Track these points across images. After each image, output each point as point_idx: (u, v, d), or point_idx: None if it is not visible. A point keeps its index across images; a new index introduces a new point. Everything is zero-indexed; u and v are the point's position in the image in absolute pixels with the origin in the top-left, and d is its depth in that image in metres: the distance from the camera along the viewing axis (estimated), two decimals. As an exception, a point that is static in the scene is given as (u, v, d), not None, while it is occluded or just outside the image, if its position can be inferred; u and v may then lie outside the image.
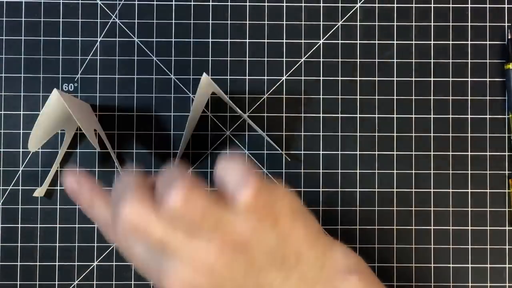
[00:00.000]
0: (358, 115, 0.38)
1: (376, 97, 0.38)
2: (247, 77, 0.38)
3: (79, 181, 0.27)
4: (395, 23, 0.39)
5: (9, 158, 0.38)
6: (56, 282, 0.38)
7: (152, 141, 0.38)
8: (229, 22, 0.38)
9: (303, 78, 0.38)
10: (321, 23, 0.38)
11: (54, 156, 0.37)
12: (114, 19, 0.38)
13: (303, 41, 0.38)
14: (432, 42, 0.38)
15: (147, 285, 0.38)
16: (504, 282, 0.38)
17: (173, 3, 0.38)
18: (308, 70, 0.38)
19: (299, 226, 0.25)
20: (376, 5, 0.39)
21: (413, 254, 0.38)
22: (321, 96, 0.38)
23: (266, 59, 0.38)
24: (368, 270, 0.27)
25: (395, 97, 0.38)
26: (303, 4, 0.38)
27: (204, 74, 0.31)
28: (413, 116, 0.38)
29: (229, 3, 0.38)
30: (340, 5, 0.38)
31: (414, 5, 0.39)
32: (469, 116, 0.38)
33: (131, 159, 0.38)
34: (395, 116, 0.38)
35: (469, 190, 0.38)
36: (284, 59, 0.38)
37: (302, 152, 0.38)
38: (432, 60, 0.38)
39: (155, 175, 0.25)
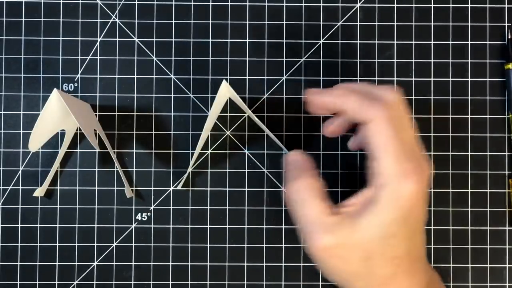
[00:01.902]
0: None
1: (376, 97, 0.38)
2: (247, 77, 0.38)
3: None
4: (395, 23, 0.39)
5: (9, 158, 0.38)
6: (56, 282, 0.38)
7: (152, 141, 0.38)
8: (229, 22, 0.38)
9: (303, 78, 0.38)
10: (321, 23, 0.38)
11: (54, 156, 0.37)
12: (114, 19, 0.38)
13: (303, 41, 0.38)
14: (432, 42, 0.38)
15: (147, 285, 0.38)
16: (504, 282, 0.38)
17: (173, 3, 0.38)
18: (308, 70, 0.38)
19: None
20: (376, 5, 0.39)
21: (413, 254, 0.38)
22: (321, 96, 0.38)
23: (266, 59, 0.38)
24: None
25: (395, 97, 0.38)
26: (303, 4, 0.38)
27: (224, 81, 0.31)
28: (413, 116, 0.38)
29: (229, 3, 0.38)
30: (340, 5, 0.38)
31: (414, 5, 0.39)
32: (469, 116, 0.38)
33: (131, 159, 0.38)
34: (395, 116, 0.38)
35: (469, 190, 0.38)
36: (284, 59, 0.38)
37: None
38: (432, 60, 0.38)
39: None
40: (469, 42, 0.39)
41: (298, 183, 0.29)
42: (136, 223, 0.38)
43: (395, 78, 0.38)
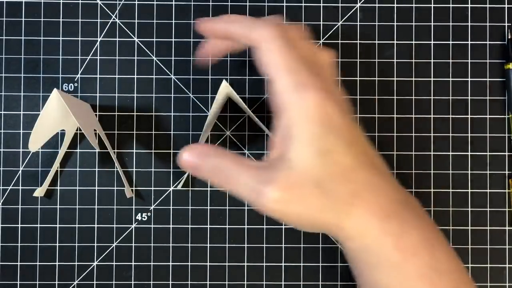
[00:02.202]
0: (358, 115, 0.38)
1: (376, 97, 0.38)
2: (247, 77, 0.38)
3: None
4: (395, 23, 0.39)
5: (9, 158, 0.38)
6: (56, 282, 0.38)
7: (152, 141, 0.38)
8: (229, 22, 0.38)
9: (303, 78, 0.38)
10: (321, 23, 0.38)
11: (54, 156, 0.37)
12: (114, 19, 0.38)
13: (303, 41, 0.38)
14: (432, 42, 0.38)
15: (147, 285, 0.38)
16: (504, 282, 0.38)
17: (173, 3, 0.38)
18: (308, 70, 0.38)
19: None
20: (376, 5, 0.39)
21: (413, 254, 0.38)
22: (321, 96, 0.38)
23: (266, 59, 0.38)
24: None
25: (395, 97, 0.38)
26: (303, 4, 0.38)
27: (224, 81, 0.31)
28: (413, 116, 0.38)
29: (229, 3, 0.38)
30: (340, 5, 0.38)
31: (414, 5, 0.39)
32: (469, 116, 0.38)
33: (131, 159, 0.38)
34: (395, 116, 0.38)
35: (469, 190, 0.38)
36: (284, 59, 0.38)
37: (302, 152, 0.38)
38: (432, 60, 0.38)
39: None
40: (469, 42, 0.39)
41: (211, 160, 0.27)
42: (136, 223, 0.38)
43: (395, 78, 0.38)
